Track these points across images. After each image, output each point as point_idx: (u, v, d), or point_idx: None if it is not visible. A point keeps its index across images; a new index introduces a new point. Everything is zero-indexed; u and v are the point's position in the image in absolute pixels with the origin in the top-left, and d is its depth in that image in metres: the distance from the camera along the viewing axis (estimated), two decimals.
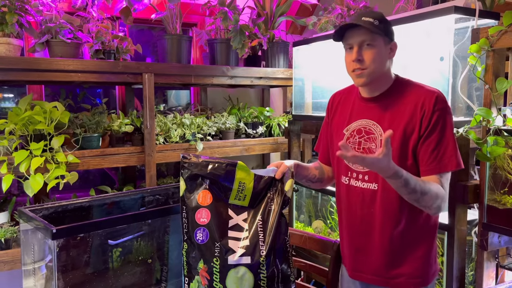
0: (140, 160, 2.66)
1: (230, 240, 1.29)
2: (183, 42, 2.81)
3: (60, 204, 1.38)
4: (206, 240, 1.30)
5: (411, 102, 1.39)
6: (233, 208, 1.34)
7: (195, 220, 1.31)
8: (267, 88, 3.72)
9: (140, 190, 1.61)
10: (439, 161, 1.36)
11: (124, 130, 2.71)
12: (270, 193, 1.36)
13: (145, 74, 2.58)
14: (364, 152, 1.44)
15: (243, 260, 1.26)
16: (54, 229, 1.09)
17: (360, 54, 1.37)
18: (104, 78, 2.50)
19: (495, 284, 1.89)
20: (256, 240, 1.29)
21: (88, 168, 2.52)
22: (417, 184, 1.28)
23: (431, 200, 1.30)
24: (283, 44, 3.11)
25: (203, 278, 1.29)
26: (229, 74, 2.88)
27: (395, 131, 1.36)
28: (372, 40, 1.36)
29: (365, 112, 1.48)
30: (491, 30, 1.67)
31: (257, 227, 1.31)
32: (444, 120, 1.37)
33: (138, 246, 1.51)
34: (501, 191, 1.76)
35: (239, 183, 1.34)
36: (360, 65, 1.38)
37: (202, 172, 1.33)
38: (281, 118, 3.18)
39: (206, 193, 1.33)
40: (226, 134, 3.00)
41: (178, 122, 2.86)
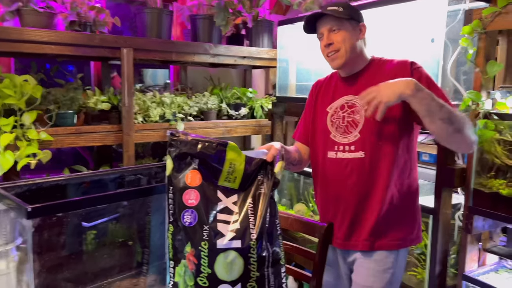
0: (118, 139, 2.55)
1: (219, 223, 1.22)
2: (164, 16, 2.68)
3: (34, 182, 1.29)
4: (194, 222, 1.22)
5: (389, 72, 1.49)
6: (223, 190, 1.27)
7: (183, 202, 1.23)
8: (249, 69, 3.63)
9: (121, 169, 1.52)
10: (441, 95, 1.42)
11: (100, 107, 2.59)
12: (260, 175, 1.30)
13: (123, 49, 2.45)
14: (348, 124, 1.54)
15: (233, 244, 1.20)
16: (29, 207, 1.00)
17: (330, 38, 1.51)
18: (80, 51, 2.36)
19: (477, 267, 1.90)
20: (247, 224, 1.23)
21: (62, 146, 2.39)
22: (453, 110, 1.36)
23: (470, 129, 1.38)
24: (268, 23, 3.03)
25: (190, 262, 1.22)
26: (212, 52, 2.78)
27: None
28: (338, 25, 1.49)
29: (346, 90, 1.58)
30: (485, 12, 1.64)
31: (247, 210, 1.25)
32: (425, 74, 1.47)
33: (117, 228, 1.43)
34: (488, 175, 1.76)
35: (230, 164, 1.27)
36: (331, 48, 1.51)
37: (191, 151, 1.25)
38: (264, 100, 3.12)
39: (195, 173, 1.25)
40: (208, 114, 2.91)
41: (158, 101, 2.75)
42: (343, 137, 1.54)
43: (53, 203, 1.06)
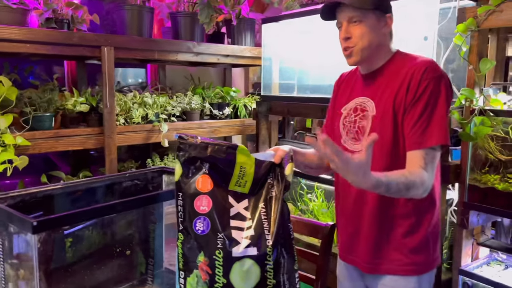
0: (99, 143, 2.44)
1: (233, 230, 1.16)
2: (145, 13, 2.58)
3: (28, 191, 1.18)
4: (207, 230, 1.16)
5: (401, 74, 1.28)
6: (233, 195, 1.21)
7: (194, 208, 1.16)
8: (228, 68, 3.57)
9: (116, 175, 1.43)
10: (420, 134, 1.22)
11: (79, 109, 2.46)
12: (270, 178, 1.25)
13: (104, 48, 2.34)
14: (358, 130, 1.35)
15: (249, 251, 1.13)
16: (35, 221, 0.91)
17: (348, 31, 1.29)
18: (57, 50, 2.23)
19: (471, 261, 1.94)
20: (261, 230, 1.17)
21: (40, 151, 2.26)
22: (399, 184, 1.16)
23: (417, 190, 1.19)
24: (250, 21, 2.98)
25: (204, 272, 1.15)
26: (195, 50, 2.70)
27: (385, 107, 1.27)
28: (360, 16, 1.27)
29: (362, 90, 1.39)
30: (480, 10, 1.66)
31: (260, 215, 1.19)
32: (434, 90, 1.23)
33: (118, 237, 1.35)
34: (482, 171, 1.80)
35: (240, 167, 1.21)
36: (348, 43, 1.30)
37: (201, 155, 1.18)
38: (247, 99, 3.07)
39: (206, 178, 1.19)
40: (191, 115, 2.83)
41: (140, 102, 2.65)
42: (354, 143, 1.36)
43: (59, 216, 0.97)
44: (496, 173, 1.78)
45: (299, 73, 2.75)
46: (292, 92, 2.79)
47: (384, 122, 1.26)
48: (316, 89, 2.62)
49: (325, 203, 2.63)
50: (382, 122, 1.27)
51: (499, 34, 1.84)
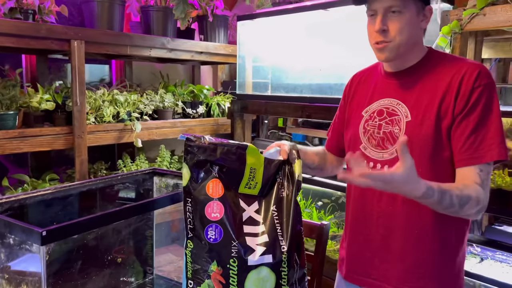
0: (68, 143, 2.28)
1: (247, 237, 1.10)
2: (116, 6, 2.45)
3: (17, 198, 1.07)
4: (219, 238, 1.09)
5: (446, 77, 1.14)
6: (243, 198, 1.15)
7: (205, 215, 1.09)
8: (197, 65, 3.49)
9: (109, 178, 1.33)
10: (476, 149, 1.09)
11: (44, 107, 2.29)
12: (280, 178, 1.20)
13: (74, 41, 2.19)
14: (384, 136, 1.19)
15: (265, 259, 1.08)
16: (43, 231, 0.81)
17: (385, 23, 1.12)
18: (23, 43, 2.06)
19: None
20: (275, 235, 1.12)
21: (4, 153, 2.08)
22: (453, 196, 1.04)
23: (471, 208, 1.07)
24: (223, 18, 2.92)
25: (216, 282, 1.08)
26: (169, 46, 2.61)
27: (426, 113, 1.13)
28: (401, 6, 1.11)
29: (389, 90, 1.23)
30: (465, 13, 1.72)
31: (272, 219, 1.14)
32: (488, 99, 1.10)
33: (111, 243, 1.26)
34: None
35: (250, 169, 1.14)
36: (384, 37, 1.13)
37: (211, 158, 1.11)
38: (220, 98, 3.01)
39: (216, 183, 1.12)
40: (163, 113, 2.73)
41: (110, 99, 2.51)
42: (376, 151, 1.20)
43: (68, 224, 0.87)
44: None
45: (275, 72, 2.73)
46: (267, 91, 2.77)
47: (423, 130, 1.13)
48: (293, 88, 2.62)
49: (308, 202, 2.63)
50: (421, 129, 1.13)
51: (477, 37, 1.92)
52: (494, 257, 2.05)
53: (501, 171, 1.76)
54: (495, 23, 1.67)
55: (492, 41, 2.07)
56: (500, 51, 2.07)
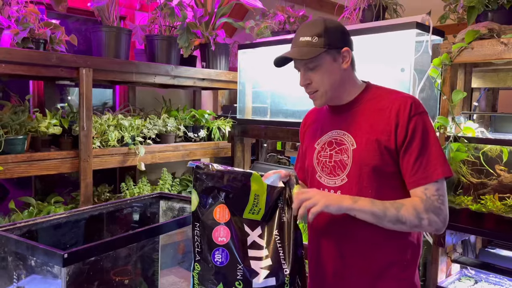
0: (74, 167, 2.35)
1: (252, 261, 1.17)
2: (123, 35, 2.56)
3: (34, 222, 1.14)
4: (226, 262, 1.16)
5: (384, 109, 1.27)
6: (248, 223, 1.22)
7: (213, 240, 1.17)
8: (198, 90, 3.59)
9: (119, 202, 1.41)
10: (422, 171, 1.22)
11: (52, 131, 2.37)
12: (281, 203, 1.28)
13: (82, 69, 2.28)
14: (335, 165, 1.31)
15: (269, 282, 1.15)
16: (65, 253, 0.88)
17: (307, 78, 1.29)
18: (34, 71, 2.15)
19: (445, 277, 2.07)
20: (278, 259, 1.19)
21: (12, 176, 2.14)
22: (385, 203, 1.19)
23: (411, 215, 1.19)
24: (224, 46, 3.04)
25: None
26: (172, 73, 2.71)
27: (368, 139, 1.27)
28: (315, 62, 1.26)
29: (335, 123, 1.36)
30: (454, 47, 1.83)
31: (275, 243, 1.21)
32: (423, 125, 1.25)
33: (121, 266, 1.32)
34: (457, 193, 1.95)
35: (255, 195, 1.22)
36: (310, 89, 1.31)
37: (218, 184, 1.20)
38: (221, 122, 3.10)
39: (223, 208, 1.20)
40: (166, 137, 2.81)
41: (115, 124, 2.59)
42: (329, 179, 1.31)
43: (87, 247, 0.94)
44: (468, 195, 1.93)
45: (274, 98, 2.83)
46: (266, 116, 2.87)
47: (368, 154, 1.25)
48: (291, 113, 2.71)
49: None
50: (366, 154, 1.25)
51: (466, 68, 2.03)
52: (488, 280, 2.11)
53: (492, 196, 1.84)
54: (482, 56, 1.78)
55: (481, 72, 2.18)
56: (488, 81, 2.17)
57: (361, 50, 2.18)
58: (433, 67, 1.91)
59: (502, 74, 2.11)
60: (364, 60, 2.23)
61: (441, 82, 1.93)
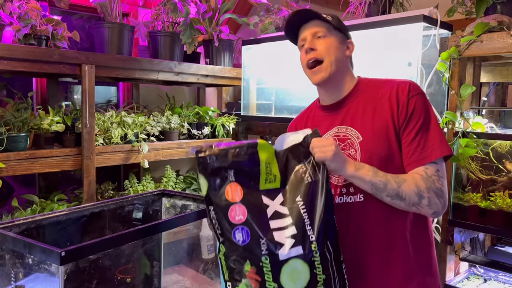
0: (77, 164, 2.33)
1: (275, 232, 1.11)
2: (125, 32, 2.53)
3: (34, 219, 1.11)
4: (248, 239, 1.10)
5: (383, 95, 1.26)
6: (266, 194, 1.15)
7: (230, 220, 1.11)
8: (202, 87, 3.57)
9: (121, 199, 1.38)
10: (421, 150, 1.20)
11: (54, 129, 2.35)
12: (303, 164, 1.17)
13: (85, 66, 2.27)
14: None
15: (295, 251, 1.09)
16: (63, 251, 0.86)
17: (313, 43, 1.27)
18: (36, 67, 2.13)
19: (453, 276, 2.03)
20: (302, 225, 1.12)
21: (14, 174, 2.12)
22: (387, 175, 1.16)
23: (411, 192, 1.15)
24: (228, 42, 3.01)
25: (253, 280, 1.10)
26: (176, 70, 2.68)
27: (373, 129, 1.24)
28: (325, 32, 1.27)
29: (332, 121, 1.32)
30: (463, 40, 1.79)
31: (298, 209, 1.13)
32: (423, 105, 1.23)
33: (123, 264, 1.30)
34: (465, 190, 1.90)
35: (266, 164, 1.15)
36: (313, 54, 1.26)
37: (224, 164, 1.13)
38: (225, 119, 3.07)
39: (235, 187, 1.13)
40: (170, 135, 2.78)
41: (118, 121, 2.57)
42: (337, 177, 1.27)
43: (85, 245, 0.92)
44: (477, 192, 1.89)
45: (278, 94, 2.80)
46: (270, 112, 2.83)
47: (376, 144, 1.23)
48: (296, 110, 2.68)
49: None
50: (374, 145, 1.23)
51: (475, 62, 1.98)
52: (497, 278, 2.07)
53: (502, 193, 1.80)
54: (492, 49, 1.74)
55: (490, 66, 2.14)
56: (498, 76, 2.13)
57: (367, 45, 2.15)
58: (441, 61, 1.87)
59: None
60: (370, 54, 2.20)
61: (449, 77, 1.89)
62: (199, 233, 2.01)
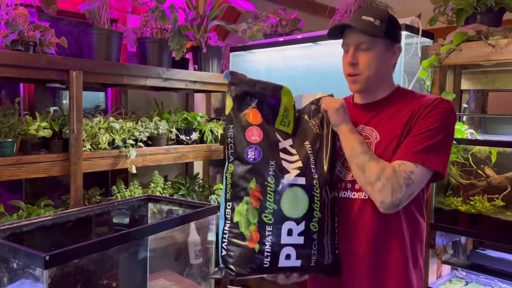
0: (64, 170, 2.33)
1: (284, 162, 1.21)
2: (114, 38, 2.55)
3: (19, 224, 1.12)
4: (259, 158, 1.18)
5: (412, 106, 1.26)
6: (279, 133, 1.27)
7: (246, 138, 1.20)
8: (191, 93, 3.59)
9: (106, 204, 1.40)
10: (412, 148, 1.18)
11: (42, 134, 2.35)
12: (314, 120, 1.31)
13: (72, 72, 2.27)
14: None
15: (299, 180, 1.18)
16: (47, 255, 0.87)
17: (356, 57, 1.27)
18: (23, 73, 2.14)
19: (436, 279, 2.07)
20: (308, 163, 1.22)
21: (1, 179, 2.12)
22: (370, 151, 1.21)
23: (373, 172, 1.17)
24: (217, 48, 3.04)
25: (255, 198, 1.15)
26: (164, 76, 2.70)
27: (392, 133, 1.26)
28: (370, 43, 1.25)
29: (361, 119, 1.35)
30: (442, 49, 1.84)
31: (306, 150, 1.25)
32: (441, 117, 1.20)
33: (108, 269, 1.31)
34: (447, 194, 1.95)
35: (284, 108, 1.28)
36: (354, 70, 1.28)
37: (251, 90, 1.25)
38: (213, 124, 3.09)
39: (256, 112, 1.24)
40: (158, 140, 2.80)
41: (106, 127, 2.58)
42: (347, 172, 1.30)
43: (69, 249, 0.93)
44: (458, 196, 1.94)
45: None
46: None
47: (390, 147, 1.24)
48: None
49: None
50: (387, 146, 1.24)
51: (455, 70, 2.04)
52: (478, 281, 2.12)
53: (481, 197, 1.85)
54: (470, 58, 1.79)
55: (470, 74, 2.20)
56: (478, 83, 2.19)
57: None
58: (422, 69, 1.93)
59: (491, 76, 2.13)
60: None
61: (430, 84, 1.95)
62: (187, 238, 2.03)
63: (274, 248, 1.12)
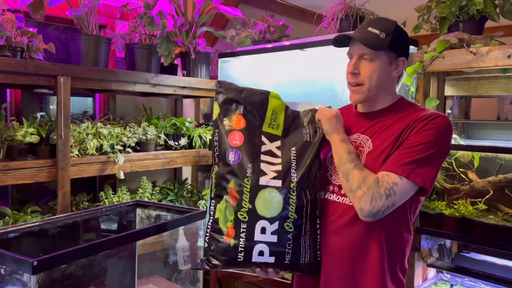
0: (51, 176, 2.32)
1: (263, 164, 1.28)
2: (102, 44, 2.55)
3: (6, 230, 1.12)
4: (237, 161, 1.27)
5: (409, 119, 1.26)
6: (267, 135, 1.34)
7: (228, 142, 1.29)
8: (180, 99, 3.59)
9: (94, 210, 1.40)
10: (399, 161, 1.18)
11: (28, 140, 2.34)
12: (307, 126, 1.37)
13: (60, 77, 2.27)
14: None
15: (274, 182, 1.26)
16: (35, 261, 0.87)
17: (357, 67, 1.29)
18: (10, 79, 2.13)
19: (422, 281, 2.11)
20: (288, 168, 1.29)
21: None
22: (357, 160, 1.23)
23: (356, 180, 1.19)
24: (205, 54, 3.06)
25: (232, 197, 1.25)
26: (152, 81, 2.71)
27: (384, 145, 1.26)
28: (372, 55, 1.26)
29: (360, 128, 1.36)
30: (426, 56, 1.88)
31: (290, 155, 1.31)
32: (435, 133, 1.19)
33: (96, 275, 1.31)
34: (431, 198, 1.99)
35: (272, 111, 1.35)
36: (355, 79, 1.30)
37: (237, 97, 1.33)
38: (202, 130, 3.10)
39: (240, 118, 1.32)
40: (146, 146, 2.80)
41: (94, 132, 2.58)
42: (337, 176, 1.31)
43: (57, 254, 0.93)
44: (442, 200, 1.98)
45: None
46: None
47: (380, 156, 1.25)
48: None
49: None
50: (378, 156, 1.25)
51: (439, 76, 2.08)
52: (463, 283, 2.15)
53: (464, 201, 1.89)
54: (453, 65, 1.84)
55: (453, 80, 2.25)
56: (461, 89, 2.24)
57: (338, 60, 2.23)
58: (406, 75, 1.96)
59: (473, 82, 2.18)
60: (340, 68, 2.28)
61: (414, 90, 1.99)
62: (175, 243, 2.03)
63: (247, 244, 1.22)
